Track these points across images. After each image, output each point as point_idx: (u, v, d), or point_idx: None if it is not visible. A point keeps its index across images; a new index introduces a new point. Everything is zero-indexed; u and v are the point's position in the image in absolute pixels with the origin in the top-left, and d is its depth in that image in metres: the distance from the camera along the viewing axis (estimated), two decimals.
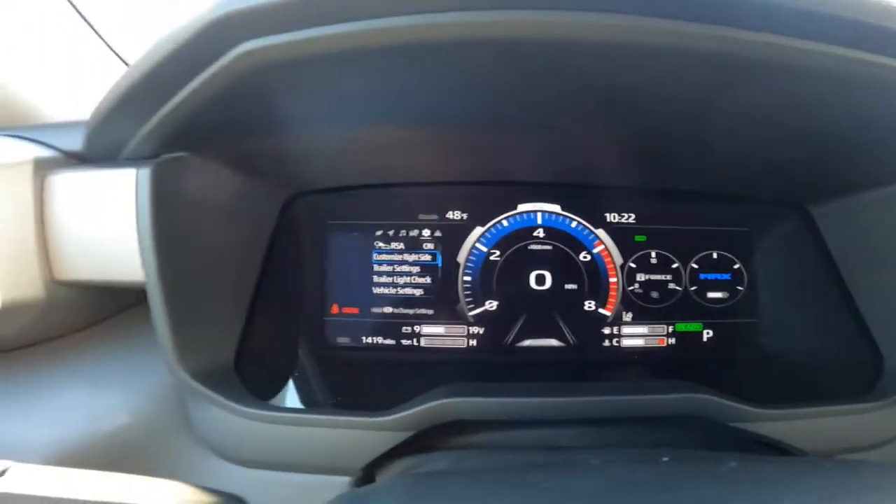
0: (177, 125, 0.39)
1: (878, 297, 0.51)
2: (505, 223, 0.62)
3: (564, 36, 0.33)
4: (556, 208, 0.63)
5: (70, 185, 0.43)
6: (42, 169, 0.43)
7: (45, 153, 0.44)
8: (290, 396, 0.60)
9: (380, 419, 0.44)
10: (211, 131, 0.42)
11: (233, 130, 0.43)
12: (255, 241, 0.54)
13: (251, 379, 0.49)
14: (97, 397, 0.47)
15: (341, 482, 0.46)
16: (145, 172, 0.40)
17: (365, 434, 0.45)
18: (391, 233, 0.62)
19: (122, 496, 0.27)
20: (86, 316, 0.49)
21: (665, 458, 0.39)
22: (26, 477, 0.26)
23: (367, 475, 0.46)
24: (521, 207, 0.63)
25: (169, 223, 0.42)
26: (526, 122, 0.49)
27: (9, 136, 0.45)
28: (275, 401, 0.57)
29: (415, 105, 0.45)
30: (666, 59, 0.34)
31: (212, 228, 0.47)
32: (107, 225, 0.42)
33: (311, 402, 0.58)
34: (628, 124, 0.48)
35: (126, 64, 0.61)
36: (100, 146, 0.43)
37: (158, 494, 0.28)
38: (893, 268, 0.49)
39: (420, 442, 0.46)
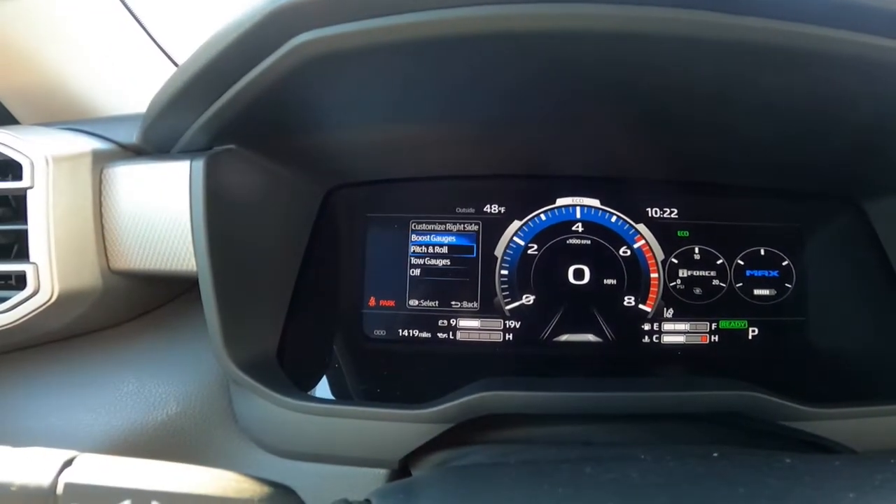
0: (230, 118, 0.40)
1: None
2: (543, 217, 0.62)
3: (603, 28, 0.33)
4: (596, 202, 0.62)
5: (126, 177, 0.44)
6: (100, 161, 0.44)
7: (104, 146, 0.45)
8: (327, 388, 0.61)
9: (420, 412, 0.44)
10: (261, 124, 0.43)
11: (281, 124, 0.44)
12: (298, 233, 0.55)
13: (292, 370, 0.50)
14: (146, 387, 0.48)
15: (377, 474, 0.47)
16: (199, 164, 0.41)
17: (404, 426, 0.45)
18: (428, 226, 0.62)
19: (184, 486, 0.27)
20: (137, 306, 0.51)
21: (715, 454, 0.38)
22: (91, 466, 0.27)
23: (402, 468, 0.46)
24: (560, 202, 0.62)
25: (220, 214, 0.43)
26: (563, 117, 0.49)
27: (68, 129, 0.47)
28: (313, 392, 0.58)
29: (453, 99, 0.45)
30: (700, 50, 0.34)
31: (259, 220, 0.48)
32: (161, 215, 0.43)
33: (347, 395, 0.59)
34: (666, 117, 0.47)
35: (173, 61, 0.63)
36: (155, 139, 0.44)
37: (217, 484, 0.28)
38: None
39: (455, 435, 0.46)
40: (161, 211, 0.43)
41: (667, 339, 0.60)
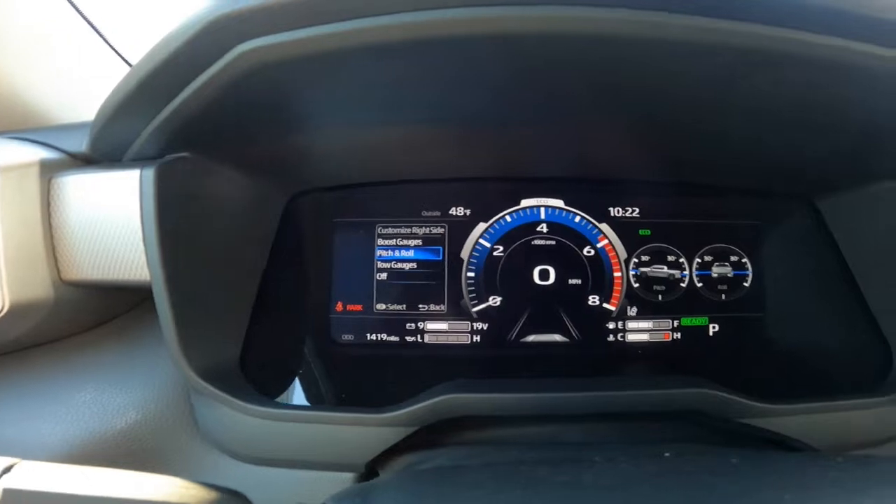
0: (180, 125, 0.39)
1: (886, 290, 0.50)
2: (508, 219, 0.62)
3: (572, 30, 0.33)
4: (560, 203, 0.63)
5: (76, 187, 0.43)
6: (48, 171, 0.43)
7: (52, 155, 0.44)
8: (296, 394, 0.60)
9: (382, 415, 0.44)
10: (214, 131, 0.42)
11: (236, 130, 0.44)
12: (260, 239, 0.54)
13: (256, 377, 0.50)
14: (104, 396, 0.47)
15: (345, 479, 0.47)
16: (149, 173, 0.41)
17: (368, 430, 0.45)
18: (394, 230, 0.62)
19: (126, 492, 0.27)
20: (93, 316, 0.50)
21: (667, 454, 0.39)
22: (31, 473, 0.26)
23: (370, 472, 0.46)
24: (525, 203, 0.63)
25: (173, 223, 0.42)
26: (531, 118, 0.49)
27: (15, 138, 0.46)
28: (281, 398, 0.58)
29: (417, 102, 0.45)
30: (671, 53, 0.34)
31: (216, 227, 0.47)
32: (112, 225, 0.43)
33: (316, 400, 0.59)
34: (634, 118, 0.48)
35: (128, 63, 0.62)
36: (105, 147, 0.43)
37: (161, 490, 0.28)
38: None
39: (424, 438, 0.46)
40: (112, 220, 0.43)
41: (631, 337, 0.61)
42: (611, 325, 0.61)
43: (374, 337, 0.61)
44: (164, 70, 0.34)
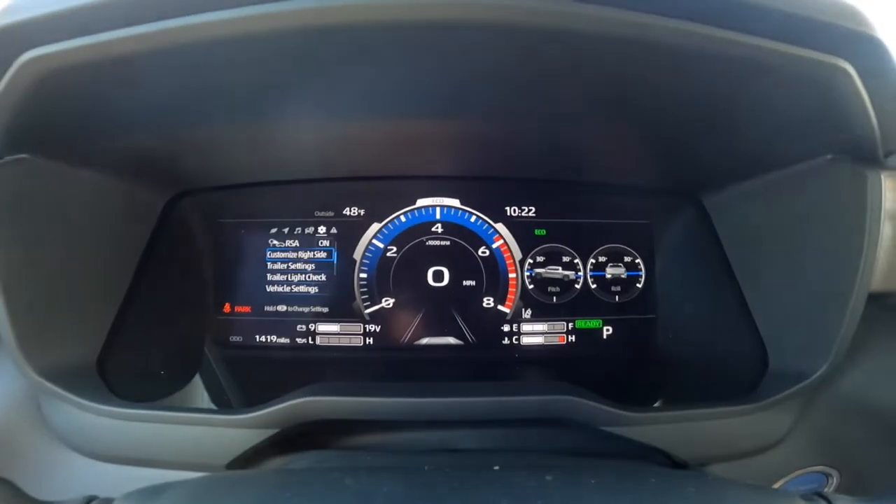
0: (2, 129, 0.38)
1: (761, 290, 0.48)
2: (403, 219, 0.61)
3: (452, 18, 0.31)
4: (456, 202, 0.61)
5: None
6: None
7: None
8: (184, 394, 0.60)
9: (234, 417, 0.43)
10: (48, 134, 0.41)
11: (75, 133, 0.42)
12: (129, 240, 0.53)
13: (122, 377, 0.49)
14: None
15: None
16: None
17: (227, 432, 0.44)
18: (286, 230, 0.61)
19: None
20: None
21: (496, 467, 0.37)
22: None
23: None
24: (420, 202, 0.61)
25: (8, 225, 0.41)
26: (427, 111, 0.47)
27: None
28: (172, 399, 0.57)
29: (295, 99, 0.44)
30: (569, 45, 0.32)
31: (67, 229, 0.46)
32: None
33: (219, 401, 0.58)
34: (533, 113, 0.45)
35: None
36: None
37: None
38: (775, 258, 0.46)
39: (288, 440, 0.45)
40: None
41: (526, 340, 0.59)
42: (506, 328, 0.59)
43: (263, 339, 0.60)
44: None
